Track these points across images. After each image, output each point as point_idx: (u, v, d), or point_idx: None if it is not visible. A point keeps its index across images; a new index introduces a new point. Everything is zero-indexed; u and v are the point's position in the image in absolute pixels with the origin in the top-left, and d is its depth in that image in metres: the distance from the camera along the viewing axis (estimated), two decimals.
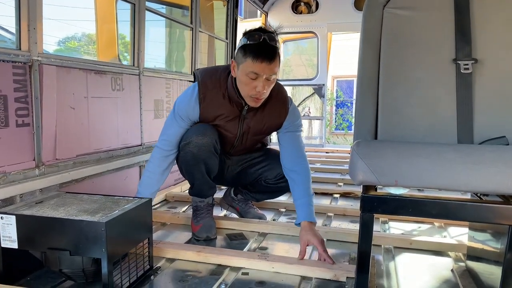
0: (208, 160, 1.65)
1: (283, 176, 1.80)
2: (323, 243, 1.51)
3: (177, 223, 1.98)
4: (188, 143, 1.62)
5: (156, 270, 1.44)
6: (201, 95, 1.62)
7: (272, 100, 1.66)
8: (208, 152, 1.63)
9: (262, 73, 1.46)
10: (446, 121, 1.33)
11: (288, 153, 1.73)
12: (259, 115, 1.67)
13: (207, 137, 1.61)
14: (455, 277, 1.40)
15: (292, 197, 1.70)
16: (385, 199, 1.11)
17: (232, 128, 1.69)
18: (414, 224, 1.99)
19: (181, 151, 1.66)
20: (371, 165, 1.07)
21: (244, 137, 1.73)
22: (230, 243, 1.72)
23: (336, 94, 10.46)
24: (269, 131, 1.77)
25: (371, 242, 1.17)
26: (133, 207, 1.32)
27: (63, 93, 1.77)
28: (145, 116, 2.40)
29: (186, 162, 1.67)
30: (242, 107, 1.63)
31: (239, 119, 1.67)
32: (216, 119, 1.66)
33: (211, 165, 1.68)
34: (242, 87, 1.54)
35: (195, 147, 1.61)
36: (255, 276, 1.40)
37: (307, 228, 1.55)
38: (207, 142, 1.61)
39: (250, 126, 1.69)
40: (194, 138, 1.61)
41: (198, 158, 1.63)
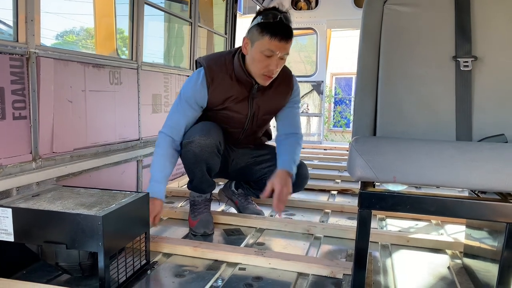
0: (210, 160, 1.64)
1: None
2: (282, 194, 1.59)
3: (174, 218, 1.98)
4: (190, 142, 1.60)
5: (152, 265, 1.44)
6: (209, 79, 1.61)
7: (279, 79, 1.69)
8: (211, 152, 1.61)
9: (278, 51, 1.50)
10: (445, 118, 1.33)
11: (286, 125, 1.81)
12: (268, 95, 1.70)
13: (211, 138, 1.59)
14: (452, 274, 1.40)
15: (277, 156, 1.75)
16: (383, 195, 1.11)
17: (242, 109, 1.69)
18: (411, 222, 2.00)
19: (183, 148, 1.65)
20: (369, 161, 1.07)
21: (254, 117, 1.73)
22: (227, 238, 1.72)
23: (335, 91, 10.45)
24: (277, 110, 1.79)
25: (368, 238, 1.17)
26: (130, 201, 1.32)
27: (60, 86, 1.76)
28: (143, 110, 2.39)
29: (187, 160, 1.66)
30: (251, 86, 1.64)
31: (248, 99, 1.68)
32: (226, 102, 1.65)
33: (212, 165, 1.67)
34: (255, 65, 1.56)
35: (197, 147, 1.59)
36: (252, 271, 1.40)
37: (279, 174, 1.64)
38: (210, 142, 1.59)
39: (260, 105, 1.71)
40: (197, 138, 1.59)
41: (200, 158, 1.62)
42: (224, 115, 1.69)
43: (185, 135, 1.64)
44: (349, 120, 10.35)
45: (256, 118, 1.74)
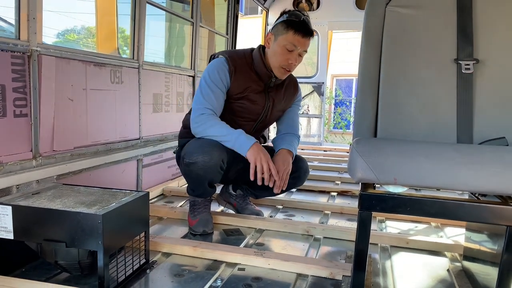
0: (213, 178, 1.66)
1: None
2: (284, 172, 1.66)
3: (174, 218, 1.98)
4: (193, 163, 1.58)
5: (152, 264, 1.44)
6: (232, 68, 1.67)
7: (289, 79, 1.83)
8: (214, 172, 1.62)
9: (299, 46, 1.62)
10: (446, 120, 1.33)
11: (283, 125, 1.89)
12: (280, 92, 1.81)
13: (214, 159, 1.58)
14: (451, 276, 1.40)
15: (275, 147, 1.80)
16: (384, 197, 1.11)
17: (259, 100, 1.74)
18: (410, 224, 2.00)
19: (185, 166, 1.63)
20: (370, 162, 1.07)
21: (269, 111, 1.79)
22: (226, 238, 1.72)
23: (335, 93, 10.46)
24: (285, 108, 1.88)
25: (368, 240, 1.17)
26: (130, 200, 1.31)
27: (61, 84, 1.76)
28: (144, 109, 2.39)
29: (190, 178, 1.68)
30: (269, 79, 1.71)
31: (264, 92, 1.75)
32: (246, 90, 1.70)
33: (215, 180, 1.70)
34: (276, 57, 1.66)
35: (200, 169, 1.59)
36: (251, 272, 1.40)
37: (279, 152, 1.73)
38: (214, 164, 1.59)
39: (275, 99, 1.78)
40: (200, 159, 1.57)
41: (203, 178, 1.63)
42: (241, 105, 1.72)
43: (187, 152, 1.62)
44: (349, 121, 10.35)
45: (271, 111, 1.79)
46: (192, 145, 1.63)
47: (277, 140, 1.84)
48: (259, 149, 1.58)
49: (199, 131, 1.64)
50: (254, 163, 1.56)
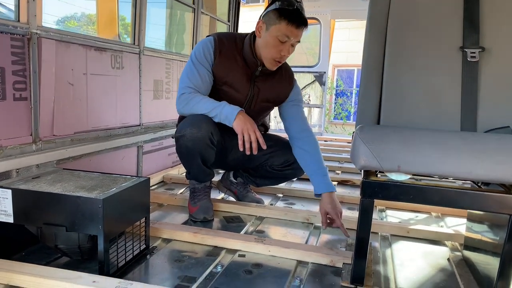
0: (204, 152, 1.62)
1: (290, 163, 1.81)
2: (340, 216, 1.59)
3: (174, 205, 1.97)
4: (182, 135, 1.58)
5: (152, 250, 1.44)
6: (217, 50, 1.63)
7: (282, 70, 1.75)
8: (204, 145, 1.59)
9: (293, 37, 1.55)
10: (450, 109, 1.32)
11: (294, 123, 1.80)
12: (269, 82, 1.72)
13: (202, 130, 1.57)
14: (451, 266, 1.40)
15: (305, 169, 1.75)
16: (386, 184, 1.10)
17: (243, 88, 1.68)
18: (411, 213, 2.00)
19: (176, 142, 1.64)
20: (374, 150, 1.06)
21: (253, 100, 1.72)
22: (227, 225, 1.72)
23: (336, 83, 10.41)
24: (275, 101, 1.79)
25: (370, 228, 1.16)
26: (130, 186, 1.31)
27: (61, 68, 1.74)
28: (145, 96, 2.37)
29: (181, 154, 1.66)
30: (255, 68, 1.66)
31: (250, 80, 1.69)
32: (228, 76, 1.65)
33: (207, 157, 1.66)
34: (268, 49, 1.59)
35: (189, 140, 1.57)
36: (252, 258, 1.40)
37: (327, 199, 1.62)
38: (202, 135, 1.57)
39: (260, 89, 1.71)
40: (188, 132, 1.56)
41: (193, 151, 1.61)
42: (224, 92, 1.68)
43: (177, 129, 1.63)
44: (350, 112, 10.32)
45: (255, 102, 1.72)
46: (183, 121, 1.63)
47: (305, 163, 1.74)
48: (245, 118, 1.55)
49: (186, 111, 1.63)
50: (242, 133, 1.52)
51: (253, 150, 1.54)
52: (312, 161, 1.72)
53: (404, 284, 1.26)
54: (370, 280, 1.25)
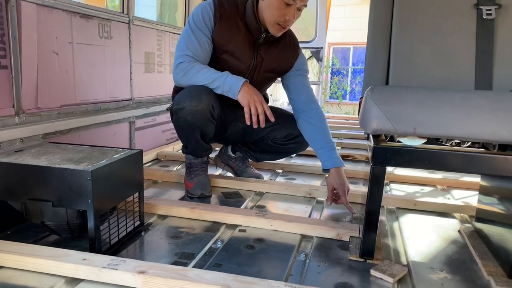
0: (203, 127, 1.52)
1: (293, 137, 1.73)
2: (347, 193, 1.50)
3: (169, 181, 1.88)
4: (181, 108, 1.47)
5: (147, 226, 1.36)
6: (217, 14, 1.50)
7: (286, 38, 1.64)
8: (204, 119, 1.49)
9: (299, 0, 1.43)
10: (463, 70, 1.24)
11: (300, 95, 1.68)
12: (273, 50, 1.61)
13: (203, 103, 1.46)
14: (463, 237, 1.34)
15: (312, 143, 1.66)
16: (400, 150, 1.02)
17: (245, 57, 1.57)
18: (416, 187, 1.93)
19: (174, 115, 1.53)
20: (387, 111, 0.97)
21: (256, 70, 1.61)
22: (225, 201, 1.64)
23: (332, 62, 10.25)
24: (280, 71, 1.68)
25: (381, 197, 1.09)
26: (122, 158, 1.21)
27: (44, 36, 1.61)
28: (135, 69, 2.25)
29: (180, 128, 1.55)
30: (259, 34, 1.54)
31: (253, 49, 1.57)
32: (229, 44, 1.53)
33: (207, 131, 1.56)
34: (271, 11, 1.47)
35: (189, 114, 1.47)
36: (253, 233, 1.32)
37: (334, 174, 1.53)
38: (202, 108, 1.47)
39: (264, 59, 1.60)
40: (188, 104, 1.46)
41: (193, 125, 1.50)
42: (225, 61, 1.56)
43: (175, 101, 1.52)
44: (346, 91, 10.20)
45: (258, 72, 1.61)
46: (181, 93, 1.52)
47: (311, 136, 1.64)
48: (251, 90, 1.44)
49: (184, 82, 1.51)
50: (248, 106, 1.42)
51: (261, 123, 1.45)
52: (319, 135, 1.63)
53: (415, 257, 1.19)
54: (379, 253, 1.18)
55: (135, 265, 1.00)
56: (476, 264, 1.16)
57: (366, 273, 1.09)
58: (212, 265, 1.11)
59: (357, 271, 1.10)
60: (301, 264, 1.13)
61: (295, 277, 1.06)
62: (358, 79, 10.13)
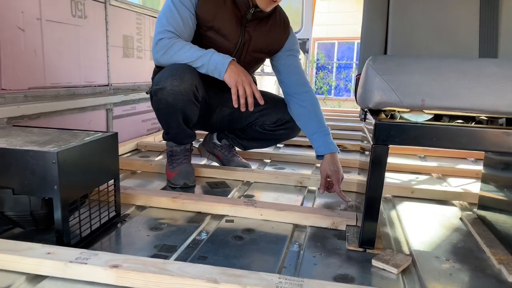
0: (186, 109, 1.40)
1: (284, 122, 1.62)
2: (341, 181, 1.40)
3: (149, 171, 1.75)
4: (161, 88, 1.34)
5: (124, 218, 1.23)
6: None
7: (276, 15, 1.52)
8: (186, 101, 1.37)
9: None
10: (466, 40, 1.15)
11: (292, 77, 1.56)
12: (262, 28, 1.49)
13: (185, 83, 1.34)
14: (466, 225, 1.25)
15: (304, 128, 1.54)
16: (405, 126, 0.92)
17: (232, 34, 1.44)
18: (410, 175, 1.84)
19: (153, 96, 1.40)
20: (392, 82, 0.87)
21: (244, 50, 1.49)
22: (211, 191, 1.52)
23: (317, 57, 10.18)
24: (269, 51, 1.56)
25: (383, 181, 0.99)
26: (94, 140, 1.08)
27: (7, 9, 1.46)
28: (113, 52, 2.10)
29: (160, 110, 1.42)
30: (247, 9, 1.42)
31: (240, 25, 1.45)
32: (216, 19, 1.40)
33: (190, 115, 1.43)
34: None
35: (169, 94, 1.34)
36: (241, 224, 1.21)
37: (329, 160, 1.42)
38: (184, 89, 1.34)
39: (252, 37, 1.48)
40: (169, 84, 1.33)
41: (174, 107, 1.37)
42: (209, 39, 1.44)
43: (155, 81, 1.39)
44: (331, 86, 10.15)
45: (246, 51, 1.49)
46: (161, 72, 1.39)
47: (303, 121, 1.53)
48: (239, 70, 1.33)
49: (164, 61, 1.38)
50: (235, 87, 1.31)
51: (249, 106, 1.34)
52: (313, 119, 1.52)
53: (418, 246, 1.09)
54: (380, 242, 1.08)
55: (107, 258, 0.87)
56: (484, 252, 1.07)
57: (367, 263, 0.99)
58: (196, 258, 0.99)
59: (357, 261, 1.00)
60: (295, 256, 1.03)
61: (289, 270, 0.95)
62: (343, 74, 10.10)
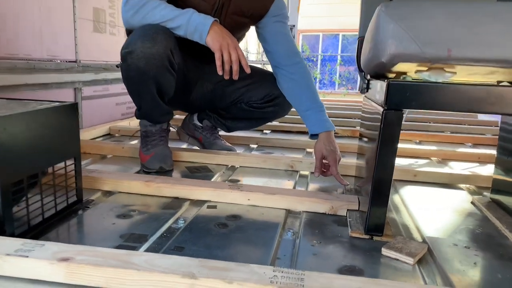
0: (160, 77, 1.21)
1: (272, 98, 1.45)
2: (338, 161, 1.22)
3: (121, 156, 1.56)
4: (130, 52, 1.16)
5: (86, 204, 1.04)
6: None
7: None
8: (160, 67, 1.19)
9: None
10: None
11: (280, 46, 1.38)
12: None
13: (158, 44, 1.16)
14: (480, 209, 1.11)
15: (296, 104, 1.37)
16: (425, 87, 0.76)
17: None
18: (409, 159, 1.70)
19: (122, 63, 1.21)
20: (411, 29, 0.71)
21: (222, 11, 1.30)
22: (191, 176, 1.34)
23: (302, 49, 10.04)
24: (252, 16, 1.36)
25: (395, 154, 0.83)
26: (46, 109, 0.89)
27: None
28: (81, 26, 1.89)
29: (130, 79, 1.23)
30: None
31: None
32: None
33: (164, 85, 1.25)
34: None
35: (140, 58, 1.16)
36: (225, 210, 1.03)
37: (324, 139, 1.26)
38: (157, 52, 1.16)
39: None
40: (139, 46, 1.15)
41: (146, 74, 1.19)
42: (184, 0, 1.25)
43: (124, 45, 1.19)
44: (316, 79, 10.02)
45: (225, 13, 1.31)
46: (131, 34, 1.20)
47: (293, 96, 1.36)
48: (223, 31, 1.16)
49: (135, 22, 1.19)
50: (220, 51, 1.14)
51: (234, 74, 1.18)
52: (304, 94, 1.34)
53: (432, 232, 0.94)
54: (389, 229, 0.93)
55: (56, 250, 0.68)
56: (507, 238, 0.93)
57: (375, 253, 0.83)
58: (171, 248, 0.81)
59: (363, 250, 0.84)
60: (290, 245, 0.86)
61: (284, 261, 0.78)
62: (328, 67, 9.99)
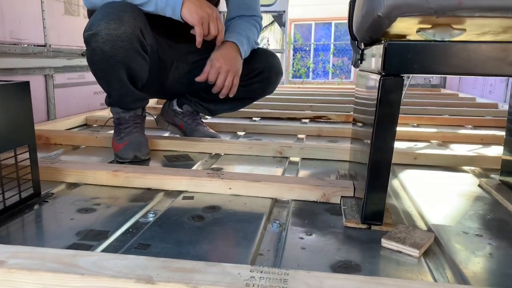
0: (130, 62, 1.09)
1: (257, 73, 1.35)
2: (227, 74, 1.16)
3: (95, 146, 1.43)
4: (94, 34, 1.03)
5: (45, 198, 0.91)
6: None
7: None
8: (129, 50, 1.06)
9: None
10: None
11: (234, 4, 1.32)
12: None
13: (125, 24, 1.03)
14: (489, 192, 0.99)
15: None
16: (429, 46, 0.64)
17: None
18: (408, 143, 1.59)
19: (87, 47, 1.08)
20: None
21: None
22: (169, 165, 1.21)
23: (294, 38, 9.86)
24: None
25: (395, 129, 0.71)
26: None
27: None
28: (50, 7, 1.74)
29: (95, 64, 1.10)
30: None
31: None
32: None
33: (135, 70, 1.13)
34: None
35: (106, 41, 1.03)
36: (203, 200, 0.91)
37: (220, 47, 1.17)
38: (125, 33, 1.04)
39: None
40: (103, 27, 1.02)
41: (113, 59, 1.06)
42: None
43: (86, 26, 1.06)
44: (309, 68, 9.87)
45: None
46: (94, 14, 1.07)
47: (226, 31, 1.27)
48: (200, 2, 1.05)
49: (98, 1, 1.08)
50: (200, 23, 1.03)
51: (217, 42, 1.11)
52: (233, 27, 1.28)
53: (438, 219, 0.83)
54: (389, 216, 0.81)
55: None
56: None
57: (374, 244, 0.71)
58: (134, 246, 0.69)
59: (360, 242, 0.72)
60: (275, 238, 0.74)
61: (267, 257, 0.66)
62: (322, 56, 9.84)
